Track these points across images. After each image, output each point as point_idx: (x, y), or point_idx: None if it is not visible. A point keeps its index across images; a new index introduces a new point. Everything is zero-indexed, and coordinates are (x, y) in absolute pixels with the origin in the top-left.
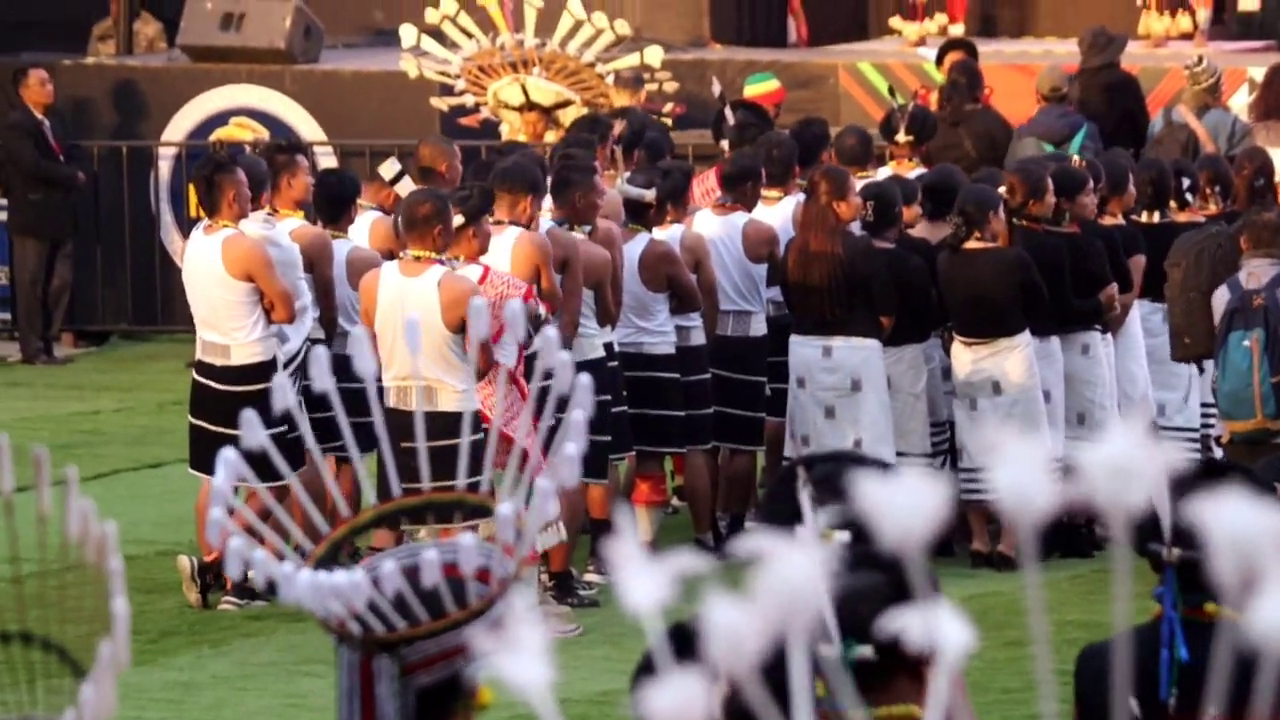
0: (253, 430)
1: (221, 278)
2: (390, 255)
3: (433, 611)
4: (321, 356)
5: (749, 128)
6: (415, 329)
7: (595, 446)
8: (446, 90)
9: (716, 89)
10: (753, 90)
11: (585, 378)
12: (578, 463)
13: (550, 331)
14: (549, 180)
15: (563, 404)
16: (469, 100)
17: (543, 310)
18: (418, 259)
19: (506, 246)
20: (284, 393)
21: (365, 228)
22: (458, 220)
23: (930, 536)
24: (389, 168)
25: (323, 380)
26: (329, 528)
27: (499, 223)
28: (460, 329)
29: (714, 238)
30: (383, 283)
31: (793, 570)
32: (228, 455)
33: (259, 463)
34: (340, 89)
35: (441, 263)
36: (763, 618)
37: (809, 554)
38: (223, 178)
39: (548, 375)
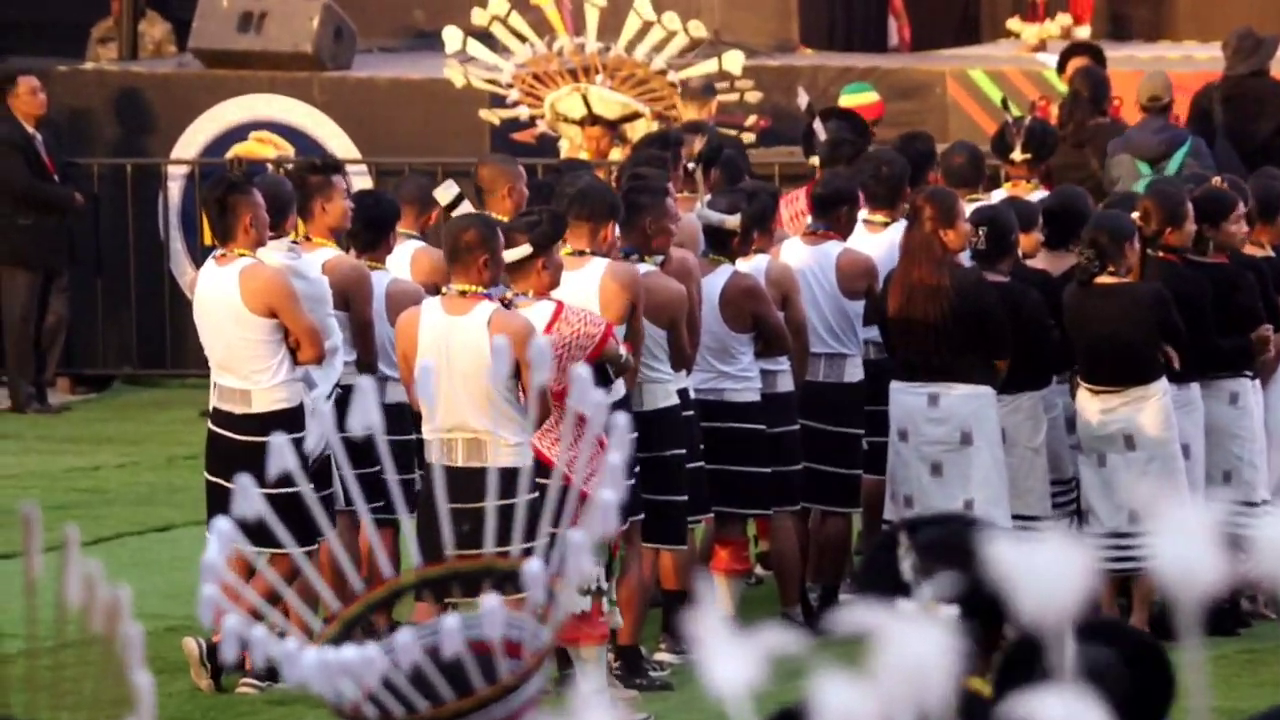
0: (247, 498)
1: (239, 313)
2: (436, 290)
3: (458, 690)
4: (367, 390)
5: (843, 143)
6: (428, 376)
7: (669, 508)
8: (498, 102)
9: (804, 100)
10: (849, 103)
11: (621, 417)
12: (615, 511)
13: (581, 370)
14: None
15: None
16: (523, 113)
17: (624, 351)
18: (463, 294)
19: (590, 281)
20: (282, 454)
21: (405, 259)
22: (523, 251)
23: (1074, 610)
24: (446, 191)
25: (368, 415)
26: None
27: (579, 253)
28: (516, 372)
29: (803, 269)
30: (424, 321)
31: (916, 650)
32: (220, 525)
33: (288, 524)
34: (375, 99)
35: (490, 297)
36: (884, 704)
37: (933, 633)
38: (237, 199)
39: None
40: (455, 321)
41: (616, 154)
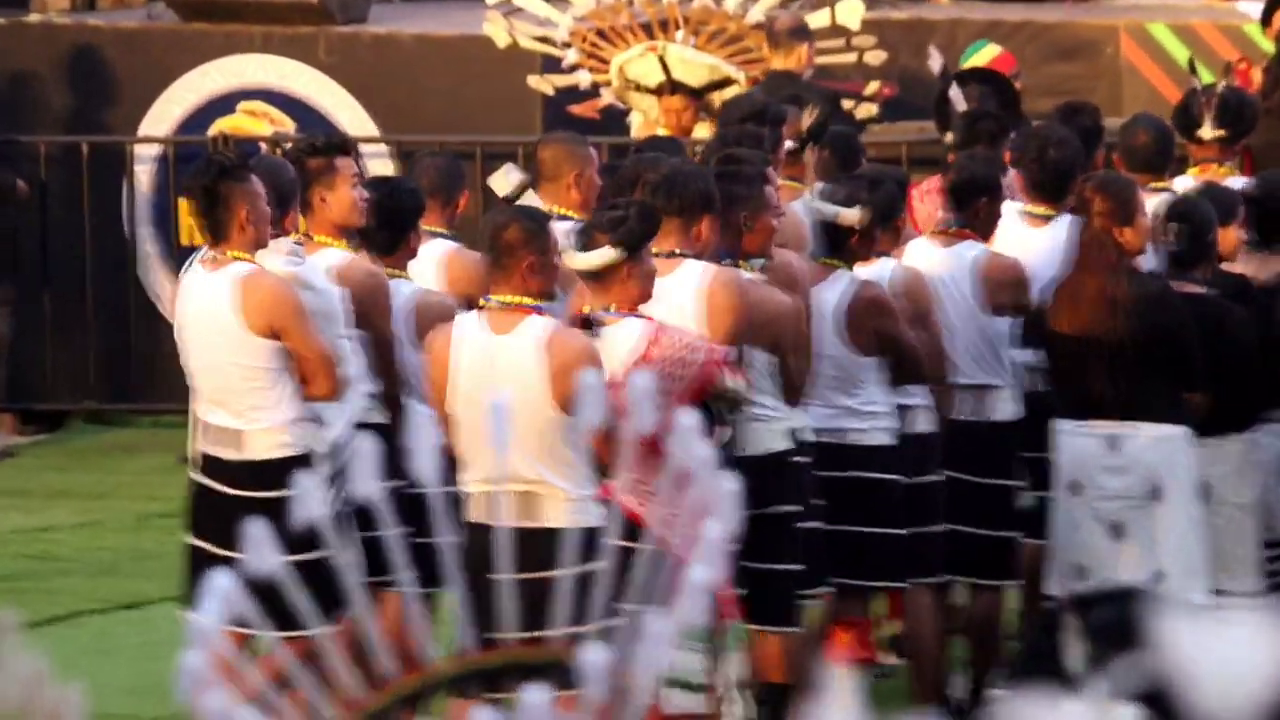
0: (260, 550)
1: (235, 334)
2: (472, 304)
3: None
4: (367, 454)
5: (984, 117)
6: (503, 415)
7: (776, 579)
8: (551, 66)
9: (937, 62)
10: (972, 63)
11: (730, 484)
12: (705, 595)
13: (686, 417)
14: None
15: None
16: (583, 79)
17: (739, 383)
18: (507, 306)
19: (685, 290)
20: (309, 499)
21: (434, 263)
22: (606, 255)
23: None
24: (507, 178)
25: (365, 485)
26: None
27: (668, 254)
28: (572, 406)
29: (934, 278)
30: (460, 341)
31: None
32: (220, 583)
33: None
34: (398, 62)
35: (540, 311)
36: None
37: None
38: (232, 189)
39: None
40: (500, 342)
41: (702, 131)
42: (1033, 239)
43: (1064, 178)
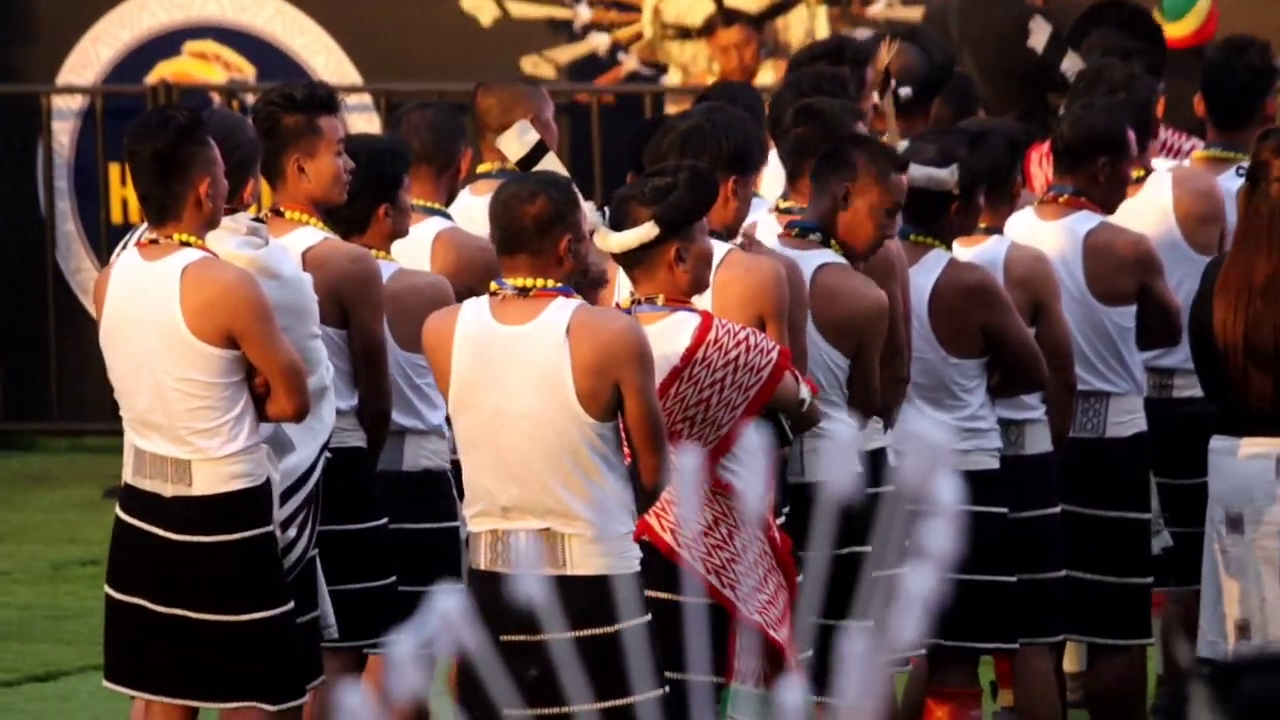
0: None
1: (178, 340)
2: (469, 292)
3: None
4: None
5: (1109, 65)
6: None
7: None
8: (563, 30)
9: (1042, 32)
10: (1175, 33)
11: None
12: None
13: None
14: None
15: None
16: (599, 42)
17: (807, 393)
18: (525, 292)
19: (731, 271)
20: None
21: (423, 247)
22: (646, 232)
23: None
24: (521, 138)
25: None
26: None
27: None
28: (612, 414)
29: (1052, 258)
30: (463, 333)
31: None
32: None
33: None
34: None
35: (567, 294)
36: None
37: None
38: (190, 154)
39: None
40: (512, 336)
41: (768, 73)
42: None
43: (1239, 113)
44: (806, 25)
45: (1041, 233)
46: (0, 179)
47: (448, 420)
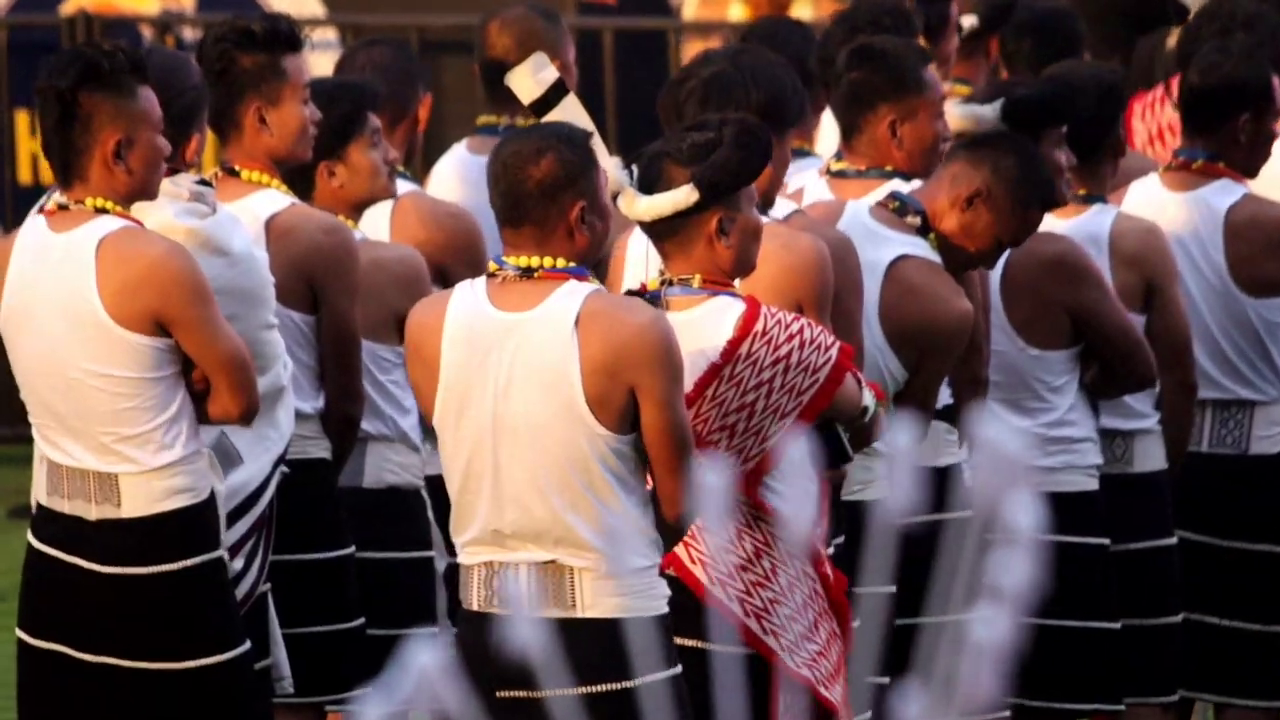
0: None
1: (95, 326)
2: (440, 272)
3: None
4: None
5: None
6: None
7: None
8: None
9: None
10: None
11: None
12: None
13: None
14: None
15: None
16: None
17: (871, 398)
18: (529, 274)
19: (764, 247)
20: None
21: (380, 217)
22: (682, 196)
23: None
24: (535, 76)
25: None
26: None
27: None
28: (629, 426)
29: (1175, 235)
30: (454, 327)
31: None
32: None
33: None
34: None
35: (581, 276)
36: None
37: None
38: (98, 103)
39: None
40: (513, 325)
41: (804, 7)
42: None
43: None
44: None
45: (1169, 206)
46: None
47: (424, 428)
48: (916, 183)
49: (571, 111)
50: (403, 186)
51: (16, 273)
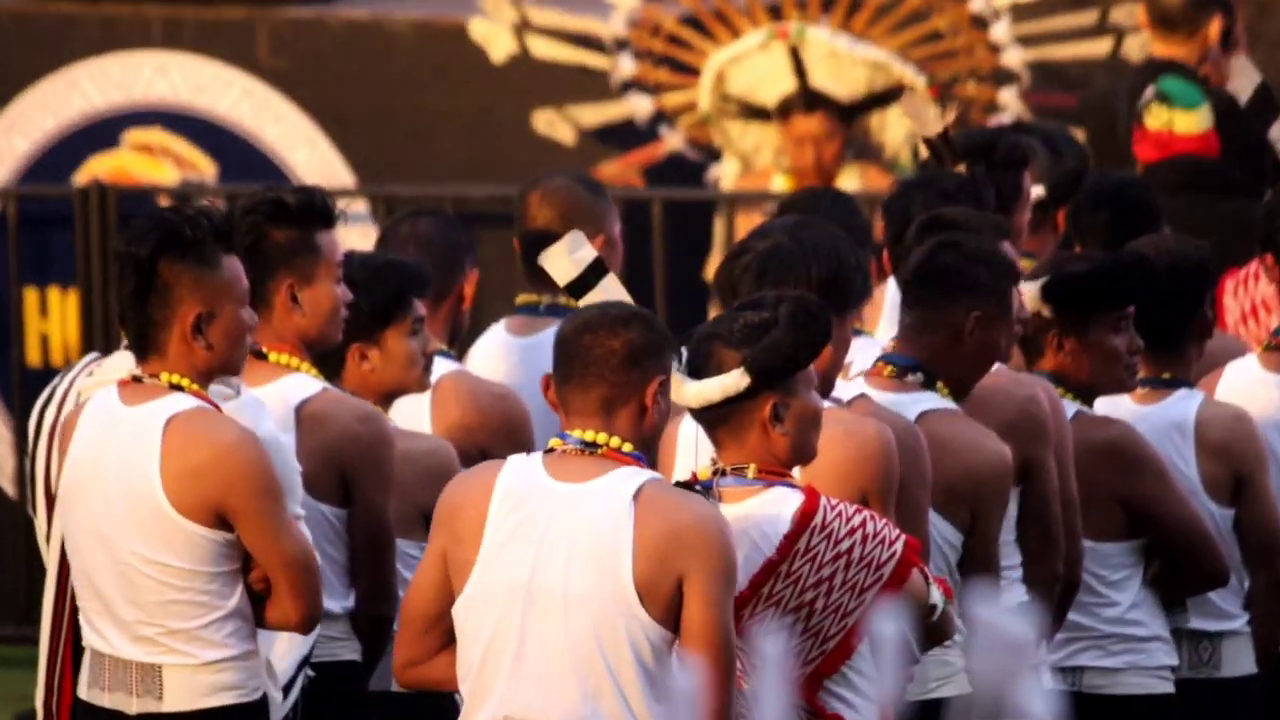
0: None
1: (154, 509)
2: (482, 455)
3: None
4: None
5: None
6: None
7: None
8: (588, 90)
9: (1250, 78)
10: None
11: None
12: None
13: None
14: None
15: None
16: (640, 107)
17: (941, 598)
18: (592, 448)
19: (827, 434)
20: None
21: (421, 400)
22: (733, 381)
23: None
24: (571, 255)
25: None
26: None
27: None
28: (671, 622)
29: (1273, 420)
30: (506, 490)
31: None
32: None
33: None
34: (384, 66)
35: (640, 461)
36: None
37: None
38: (179, 271)
39: None
40: (569, 494)
41: (850, 179)
42: None
43: None
44: (909, 126)
45: (1266, 389)
46: None
47: None
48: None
49: (612, 292)
50: (446, 365)
51: (80, 444)
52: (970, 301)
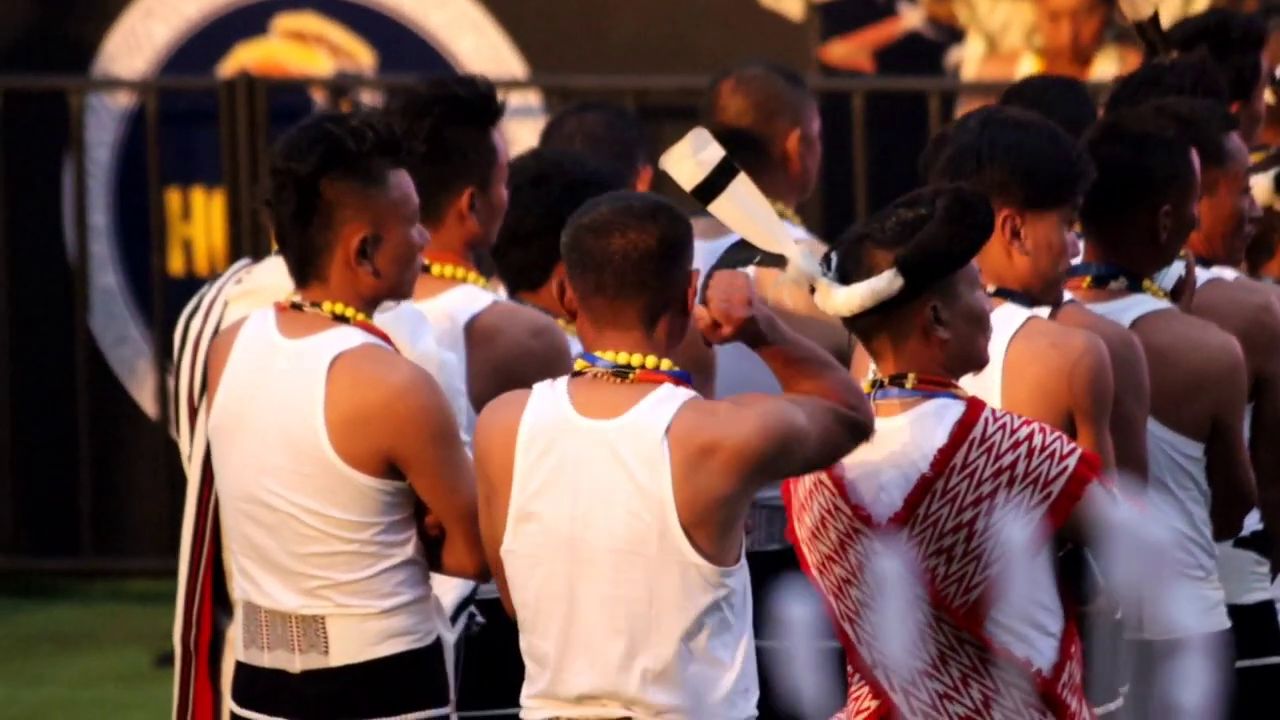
0: None
1: (317, 457)
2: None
3: None
4: None
5: None
6: None
7: None
8: None
9: None
10: None
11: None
12: None
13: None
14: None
15: None
16: None
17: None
18: (624, 373)
19: (1030, 347)
20: None
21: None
22: (886, 284)
23: None
24: (692, 157)
25: None
26: None
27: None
28: (738, 557)
29: None
30: (531, 433)
31: None
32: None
33: None
34: None
35: (683, 381)
36: None
37: None
38: (343, 190)
39: None
40: (597, 433)
41: (1108, 63)
42: None
43: None
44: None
45: None
46: (12, 209)
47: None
48: (1216, 269)
49: (744, 196)
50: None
51: (233, 376)
52: (1156, 197)
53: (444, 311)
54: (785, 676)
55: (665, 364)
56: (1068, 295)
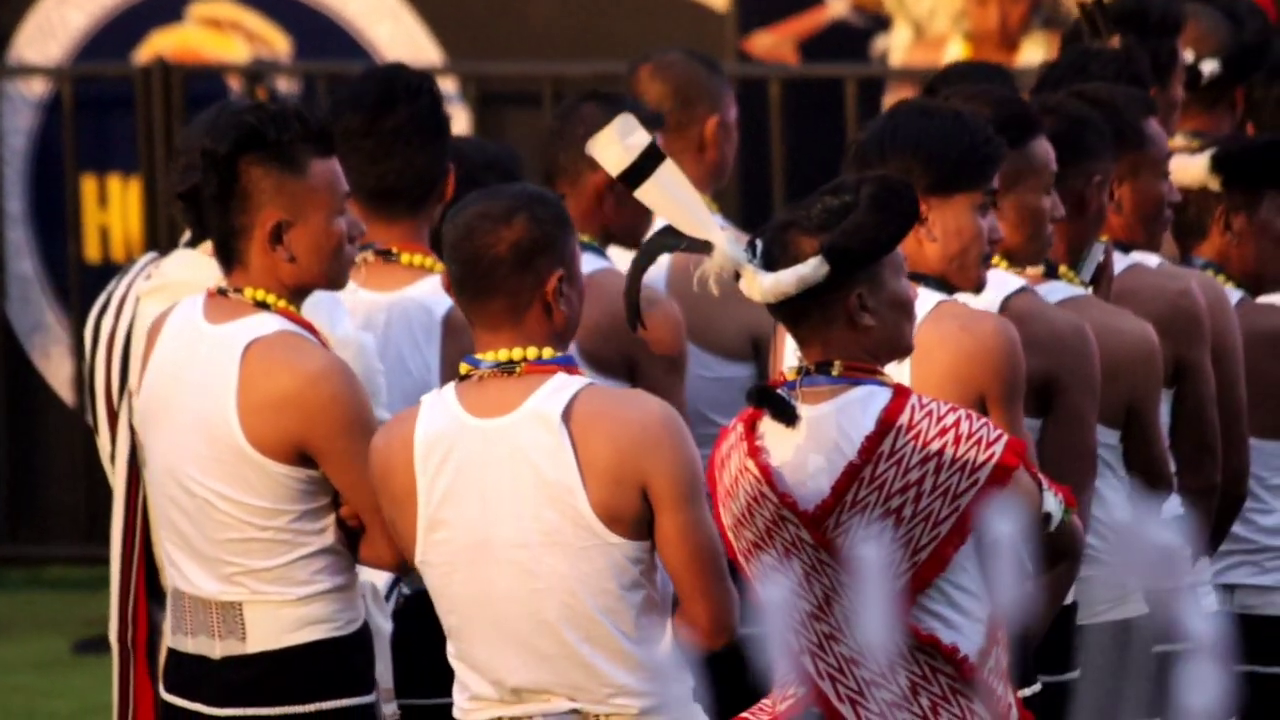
0: None
1: (229, 443)
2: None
3: None
4: None
5: None
6: None
7: None
8: None
9: None
10: None
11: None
12: None
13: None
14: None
15: None
16: None
17: (1058, 507)
18: (509, 369)
19: (939, 330)
20: None
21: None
22: (810, 270)
23: None
24: (620, 142)
25: None
26: None
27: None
28: (644, 532)
29: None
30: (425, 443)
31: None
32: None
33: None
34: None
35: (568, 367)
36: None
37: None
38: (260, 174)
39: None
40: (491, 432)
41: (1035, 49)
42: None
43: None
44: None
45: None
46: None
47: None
48: (1136, 255)
49: (671, 181)
50: (598, 263)
51: (159, 361)
52: (1089, 163)
53: (418, 303)
54: (762, 660)
55: (547, 353)
56: (1020, 282)
